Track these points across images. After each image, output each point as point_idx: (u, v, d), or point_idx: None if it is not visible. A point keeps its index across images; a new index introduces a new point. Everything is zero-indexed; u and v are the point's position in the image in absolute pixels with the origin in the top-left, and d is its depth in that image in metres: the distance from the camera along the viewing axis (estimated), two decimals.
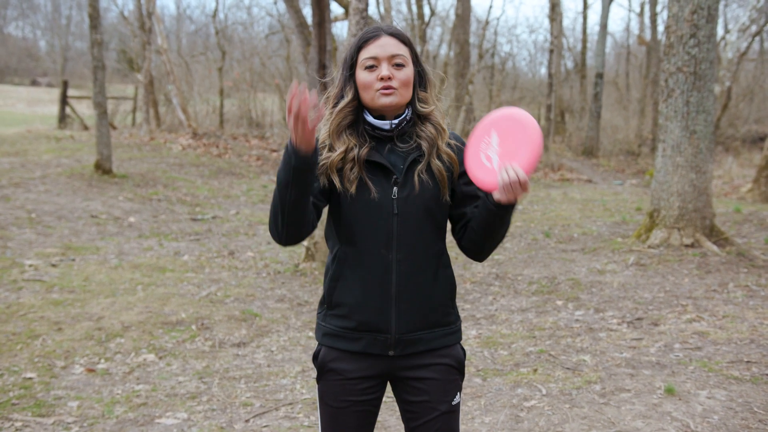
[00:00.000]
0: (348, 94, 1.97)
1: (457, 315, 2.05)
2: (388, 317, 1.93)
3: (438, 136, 1.99)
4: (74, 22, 44.74)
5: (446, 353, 2.00)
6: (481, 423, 3.62)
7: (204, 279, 6.52)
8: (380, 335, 1.93)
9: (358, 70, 1.96)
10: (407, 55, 1.97)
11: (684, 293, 5.95)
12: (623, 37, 33.44)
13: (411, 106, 2.00)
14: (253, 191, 12.06)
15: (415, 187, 1.93)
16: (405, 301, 1.93)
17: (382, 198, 1.92)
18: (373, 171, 1.94)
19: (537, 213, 10.76)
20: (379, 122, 1.96)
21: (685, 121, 7.21)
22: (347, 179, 1.92)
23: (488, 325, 5.32)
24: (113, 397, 3.94)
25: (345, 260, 1.95)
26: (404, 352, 1.95)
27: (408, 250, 1.93)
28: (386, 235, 1.92)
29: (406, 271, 1.93)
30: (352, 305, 1.93)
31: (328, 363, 1.98)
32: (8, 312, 5.25)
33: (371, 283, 1.92)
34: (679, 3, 7.24)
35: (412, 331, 1.95)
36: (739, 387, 3.97)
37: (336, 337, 1.97)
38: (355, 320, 1.93)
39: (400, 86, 1.93)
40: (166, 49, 17.70)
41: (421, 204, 1.93)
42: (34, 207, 9.00)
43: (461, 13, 20.26)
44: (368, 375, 1.97)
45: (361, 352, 1.95)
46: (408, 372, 1.98)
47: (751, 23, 15.63)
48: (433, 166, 1.96)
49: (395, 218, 1.92)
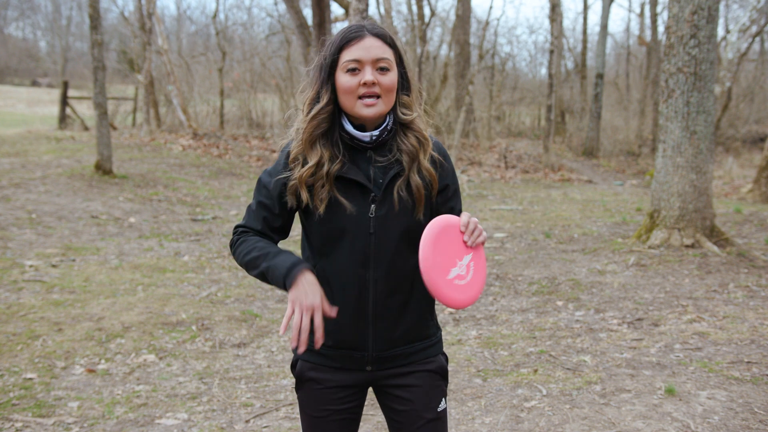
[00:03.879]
0: (324, 98, 1.82)
1: (436, 326, 1.99)
2: (365, 336, 1.87)
3: (420, 148, 1.86)
4: (75, 23, 44.81)
5: (429, 360, 1.94)
6: (482, 423, 3.62)
7: (204, 279, 6.52)
8: (357, 353, 1.89)
9: (339, 72, 1.81)
10: (392, 59, 1.83)
11: (684, 294, 5.95)
12: (623, 37, 33.46)
13: (392, 113, 1.86)
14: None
15: (395, 206, 1.82)
16: (382, 320, 1.87)
17: (358, 216, 1.81)
18: (348, 187, 1.82)
19: (537, 213, 10.76)
20: (359, 134, 1.83)
21: (686, 121, 7.21)
22: (317, 197, 1.80)
23: (488, 326, 5.32)
24: (113, 398, 3.94)
25: (322, 277, 1.85)
26: (382, 368, 1.91)
27: (385, 269, 1.84)
28: (363, 255, 1.82)
29: (383, 290, 1.85)
30: (328, 323, 1.82)
31: (307, 372, 1.93)
32: (8, 312, 5.26)
33: (347, 302, 1.84)
34: (679, 3, 7.24)
35: (389, 348, 1.89)
36: (739, 387, 3.97)
37: (312, 353, 1.91)
38: (332, 338, 1.87)
39: (384, 93, 1.80)
40: (166, 49, 17.72)
41: (397, 223, 1.83)
42: (34, 207, 9.00)
43: (461, 14, 20.27)
44: (347, 384, 1.92)
45: (339, 368, 1.91)
46: (389, 380, 1.93)
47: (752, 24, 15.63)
48: (412, 183, 1.84)
49: (371, 237, 1.82)
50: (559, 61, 21.76)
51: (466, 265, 1.80)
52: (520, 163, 18.11)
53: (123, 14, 23.27)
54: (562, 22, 23.18)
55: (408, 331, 1.90)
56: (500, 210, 11.18)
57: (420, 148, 1.86)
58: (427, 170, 1.86)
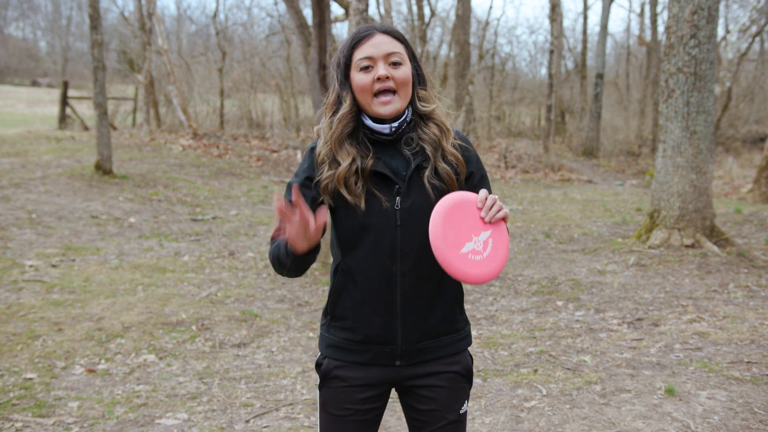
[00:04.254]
0: (346, 100, 1.86)
1: (465, 320, 1.98)
2: (394, 330, 1.86)
3: (442, 136, 1.88)
4: (75, 23, 44.80)
5: (455, 360, 1.94)
6: (482, 423, 3.61)
7: (204, 279, 6.52)
8: (386, 347, 1.87)
9: (353, 72, 1.84)
10: (404, 53, 1.85)
11: (684, 294, 5.94)
12: (623, 37, 33.47)
13: (411, 106, 1.88)
14: (254, 192, 12.06)
15: (426, 196, 1.83)
16: (411, 313, 1.86)
17: (385, 210, 1.83)
18: (376, 181, 1.84)
19: (537, 213, 10.76)
20: (378, 126, 1.85)
21: (686, 121, 7.22)
22: (354, 194, 1.82)
23: (488, 326, 5.32)
24: (113, 398, 3.94)
25: (348, 272, 1.87)
26: (411, 362, 1.89)
27: (413, 261, 1.84)
28: (390, 248, 1.83)
29: (411, 283, 1.84)
30: (357, 318, 1.85)
31: (333, 370, 1.91)
32: (9, 312, 5.26)
33: (376, 296, 1.84)
34: (679, 3, 7.25)
35: (419, 341, 1.88)
36: (739, 387, 3.97)
37: (341, 350, 1.90)
38: (361, 333, 1.87)
39: (399, 87, 1.82)
40: (166, 49, 17.72)
41: (424, 214, 1.81)
42: (34, 207, 9.00)
43: (461, 14, 20.27)
44: (373, 383, 1.91)
45: (368, 363, 1.89)
46: (415, 380, 1.92)
47: (752, 24, 15.64)
48: (440, 170, 1.86)
49: (398, 229, 1.82)
50: (559, 61, 21.76)
51: (483, 241, 1.78)
52: (520, 163, 18.12)
53: (123, 14, 23.29)
54: (562, 22, 23.18)
55: (437, 324, 1.90)
56: None
57: (442, 136, 1.88)
58: (453, 155, 1.88)
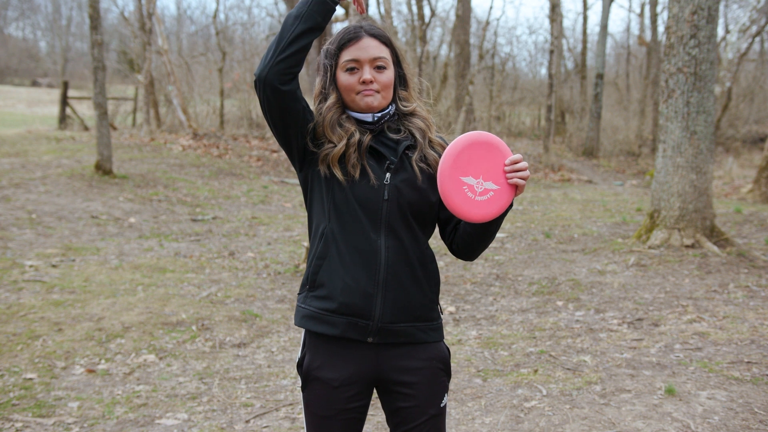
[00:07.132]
0: (332, 94, 1.96)
1: (439, 313, 2.02)
2: (373, 304, 1.88)
3: (427, 128, 2.00)
4: (75, 23, 44.78)
5: (431, 353, 1.96)
6: (482, 423, 3.61)
7: (204, 280, 6.52)
8: (361, 320, 1.89)
9: (339, 71, 1.94)
10: (388, 57, 1.96)
11: (684, 294, 5.95)
12: (623, 37, 33.44)
13: (394, 104, 2.01)
14: (254, 192, 12.06)
15: (413, 176, 1.92)
16: (392, 290, 1.89)
17: (376, 184, 1.90)
18: (369, 157, 1.94)
19: (537, 213, 10.76)
20: (361, 115, 1.95)
21: (686, 121, 7.22)
22: (350, 164, 1.90)
23: (488, 326, 5.32)
24: (113, 398, 3.94)
25: (332, 238, 1.90)
26: (384, 341, 1.91)
27: (396, 237, 1.90)
28: (375, 220, 1.89)
29: (395, 260, 1.89)
30: (337, 286, 1.88)
31: (313, 372, 1.94)
32: (9, 312, 5.26)
33: (359, 266, 1.88)
34: (679, 4, 7.25)
35: (394, 322, 1.91)
36: (739, 387, 3.97)
37: (314, 320, 1.92)
38: (337, 302, 1.88)
39: (382, 89, 1.94)
40: (166, 49, 17.71)
41: (410, 193, 1.91)
42: (34, 207, 9.00)
43: (461, 14, 20.26)
44: (353, 381, 1.92)
45: (339, 336, 1.90)
46: (394, 375, 1.93)
47: (752, 24, 15.63)
48: (428, 156, 1.96)
49: (385, 204, 1.89)
50: (559, 61, 21.76)
51: (485, 189, 1.80)
52: None
53: (123, 14, 23.22)
54: (562, 22, 23.18)
55: (416, 309, 1.93)
56: None
57: (427, 127, 2.01)
58: (439, 144, 2.01)
